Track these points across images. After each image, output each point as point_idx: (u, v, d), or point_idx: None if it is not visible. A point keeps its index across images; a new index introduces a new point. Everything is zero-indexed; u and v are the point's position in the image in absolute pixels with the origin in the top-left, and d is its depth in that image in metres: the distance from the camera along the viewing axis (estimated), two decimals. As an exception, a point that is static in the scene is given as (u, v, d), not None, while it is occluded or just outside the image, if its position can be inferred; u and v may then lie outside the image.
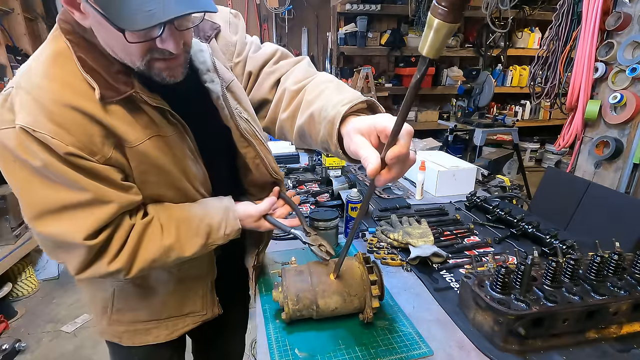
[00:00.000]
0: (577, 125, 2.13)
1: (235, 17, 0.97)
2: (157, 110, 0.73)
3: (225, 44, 0.93)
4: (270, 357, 0.79)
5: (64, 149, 0.64)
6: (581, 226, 1.51)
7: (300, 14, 4.89)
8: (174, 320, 0.99)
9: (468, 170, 1.77)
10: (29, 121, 0.63)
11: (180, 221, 0.81)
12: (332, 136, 0.69)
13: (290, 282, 0.86)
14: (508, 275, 0.83)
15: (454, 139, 4.12)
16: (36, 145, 0.64)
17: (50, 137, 0.63)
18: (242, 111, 0.87)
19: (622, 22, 1.85)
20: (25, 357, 2.27)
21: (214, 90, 0.81)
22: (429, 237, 1.20)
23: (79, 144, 0.66)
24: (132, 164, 0.74)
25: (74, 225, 0.69)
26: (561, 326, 0.80)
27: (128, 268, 0.76)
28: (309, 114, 0.78)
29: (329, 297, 0.85)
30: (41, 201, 0.68)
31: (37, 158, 0.64)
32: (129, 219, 0.77)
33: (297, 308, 0.84)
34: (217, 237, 0.85)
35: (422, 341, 0.83)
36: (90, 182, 0.69)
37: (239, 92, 0.89)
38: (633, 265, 0.91)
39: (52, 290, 2.91)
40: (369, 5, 4.26)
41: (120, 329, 0.98)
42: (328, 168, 1.96)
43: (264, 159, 0.90)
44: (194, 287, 0.98)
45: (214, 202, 0.88)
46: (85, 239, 0.69)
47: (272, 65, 0.95)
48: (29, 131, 0.62)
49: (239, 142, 0.87)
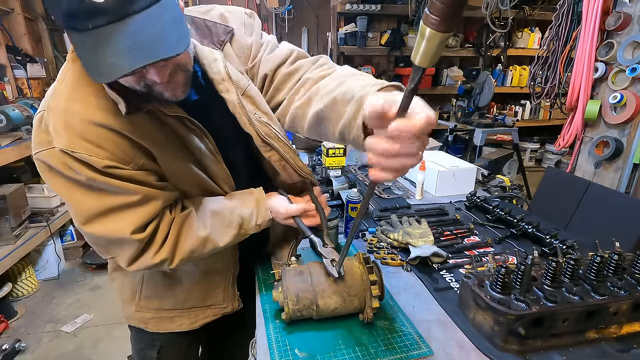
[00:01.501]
0: (577, 125, 2.13)
1: (250, 17, 0.96)
2: (176, 119, 0.79)
3: (240, 47, 0.92)
4: (270, 357, 0.79)
5: (102, 163, 0.72)
6: (581, 226, 1.51)
7: (300, 14, 4.89)
8: (196, 311, 1.05)
9: (468, 170, 1.77)
10: (65, 143, 0.70)
11: (214, 214, 0.88)
12: (357, 117, 0.66)
13: (290, 282, 0.86)
14: (508, 275, 0.83)
15: (454, 139, 4.11)
16: (77, 163, 0.71)
17: (88, 155, 0.71)
18: (262, 115, 0.87)
19: (622, 22, 1.85)
20: (25, 357, 2.27)
21: (229, 100, 0.83)
22: (429, 237, 1.20)
23: (113, 156, 0.73)
24: (162, 166, 0.82)
25: (122, 222, 0.77)
26: (561, 326, 0.80)
27: (171, 258, 0.84)
28: (332, 97, 0.76)
29: (329, 297, 0.85)
30: (89, 207, 0.76)
31: (80, 174, 0.72)
32: (169, 214, 0.85)
33: (297, 308, 0.84)
34: (249, 227, 0.91)
35: (422, 341, 0.83)
36: (132, 185, 0.76)
37: (257, 96, 0.88)
38: (633, 265, 0.91)
39: (52, 290, 2.91)
40: (369, 5, 4.26)
41: (148, 315, 1.05)
42: (328, 168, 1.96)
43: (289, 160, 0.91)
44: (217, 279, 1.03)
45: (245, 195, 0.94)
46: (132, 232, 0.77)
47: (289, 66, 0.93)
48: (68, 152, 0.70)
49: (261, 147, 0.88)
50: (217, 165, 0.89)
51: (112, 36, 0.58)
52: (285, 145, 0.91)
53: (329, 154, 1.93)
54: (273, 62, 0.92)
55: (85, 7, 0.55)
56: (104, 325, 2.52)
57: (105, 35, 0.58)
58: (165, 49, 0.61)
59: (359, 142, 0.67)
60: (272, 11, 4.72)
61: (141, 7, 0.59)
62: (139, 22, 0.59)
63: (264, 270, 1.11)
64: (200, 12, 0.90)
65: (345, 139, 0.72)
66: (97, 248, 0.84)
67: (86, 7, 0.55)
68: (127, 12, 0.58)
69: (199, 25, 0.87)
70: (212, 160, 0.87)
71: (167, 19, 0.62)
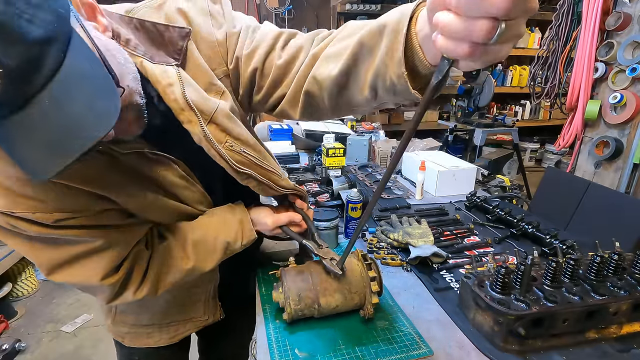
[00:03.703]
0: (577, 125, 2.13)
1: (214, 2, 0.76)
2: (135, 155, 0.68)
3: (210, 46, 0.74)
4: (270, 357, 0.79)
5: (51, 218, 0.60)
6: (581, 226, 1.51)
7: (300, 14, 4.89)
8: (176, 325, 1.00)
9: (468, 170, 1.77)
10: (3, 204, 0.57)
11: (196, 242, 0.81)
12: (398, 46, 0.51)
13: (291, 282, 0.86)
14: (508, 275, 0.83)
15: (454, 139, 4.11)
16: (22, 222, 0.60)
17: (31, 213, 0.59)
18: (234, 143, 0.75)
19: (622, 22, 1.85)
20: (25, 357, 2.27)
21: (193, 132, 0.70)
22: (429, 237, 1.20)
23: (64, 207, 0.61)
24: (125, 206, 0.71)
25: (88, 270, 0.68)
26: (561, 326, 0.80)
27: (154, 292, 0.78)
28: (351, 50, 0.61)
29: (331, 296, 0.85)
30: (49, 258, 0.66)
31: (29, 231, 0.61)
32: (145, 249, 0.77)
33: (299, 308, 0.84)
34: (234, 249, 0.86)
35: (422, 341, 0.83)
36: (92, 231, 0.66)
37: (227, 121, 0.74)
38: (633, 265, 0.91)
39: (52, 290, 2.91)
40: (369, 5, 4.26)
41: (124, 329, 1.00)
42: (328, 168, 1.96)
43: (268, 184, 0.83)
44: (197, 292, 0.98)
45: (227, 215, 0.86)
46: (103, 278, 0.69)
47: (281, 53, 0.75)
48: (9, 213, 0.58)
49: (236, 177, 0.79)
50: (190, 190, 0.80)
51: (16, 132, 0.45)
52: (262, 169, 0.81)
53: (329, 154, 1.93)
54: (260, 51, 0.75)
55: None
56: (104, 325, 2.51)
57: (5, 131, 0.45)
58: (93, 127, 0.46)
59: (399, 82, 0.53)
60: (272, 11, 4.72)
61: (42, 83, 0.44)
62: (47, 104, 0.45)
63: (264, 270, 1.11)
64: (151, 7, 0.71)
65: (378, 89, 0.59)
66: (75, 287, 0.76)
67: None
68: (25, 96, 0.44)
69: (149, 31, 0.68)
70: (184, 186, 0.78)
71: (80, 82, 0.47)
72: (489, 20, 0.34)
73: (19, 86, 0.43)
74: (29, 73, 0.43)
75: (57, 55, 0.45)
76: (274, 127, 2.59)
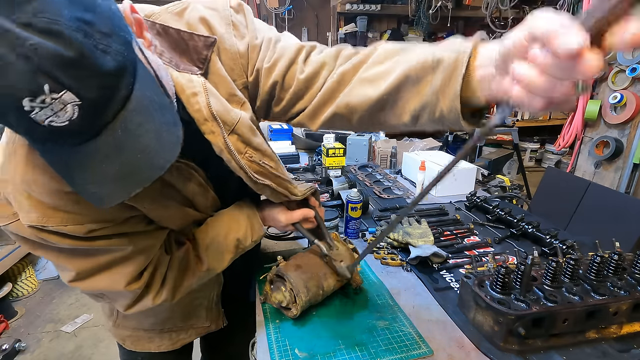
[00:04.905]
0: (577, 125, 2.14)
1: (237, 12, 0.73)
2: None
3: (232, 57, 0.72)
4: (270, 357, 0.79)
5: (83, 230, 0.60)
6: (581, 226, 1.51)
7: (300, 14, 4.89)
8: (177, 331, 1.00)
9: (468, 170, 1.77)
10: (35, 218, 0.57)
11: (209, 244, 0.82)
12: (453, 85, 0.51)
13: (295, 277, 0.88)
14: (508, 275, 0.83)
15: (454, 139, 4.11)
16: (53, 236, 0.59)
17: (64, 226, 0.58)
18: (253, 154, 0.76)
19: (622, 22, 1.85)
20: (25, 357, 2.27)
21: (215, 143, 0.69)
22: (429, 237, 1.20)
23: (95, 218, 0.61)
24: (147, 213, 0.71)
25: (114, 277, 0.69)
26: (561, 326, 0.80)
27: (172, 297, 0.78)
28: (398, 76, 0.60)
29: (330, 278, 0.92)
30: (77, 268, 0.66)
31: (59, 244, 0.61)
32: (165, 254, 0.78)
33: (307, 299, 0.87)
34: (245, 246, 0.87)
35: (422, 341, 0.83)
36: (122, 240, 0.67)
37: (248, 131, 0.74)
38: (633, 265, 0.91)
39: (52, 290, 2.91)
40: (369, 5, 4.25)
41: (125, 333, 0.99)
42: (328, 168, 1.95)
43: (282, 193, 0.85)
44: (200, 298, 0.97)
45: (235, 213, 0.87)
46: (127, 284, 0.70)
47: (303, 68, 0.73)
48: (40, 227, 0.58)
49: (253, 186, 0.80)
50: (205, 196, 0.81)
51: (87, 160, 0.46)
52: (278, 179, 0.82)
53: (329, 154, 1.93)
54: (281, 65, 0.73)
55: (43, 131, 0.41)
56: (104, 325, 2.52)
57: (77, 158, 0.46)
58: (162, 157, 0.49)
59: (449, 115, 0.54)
60: (272, 11, 4.72)
61: (114, 113, 0.45)
62: (119, 134, 0.45)
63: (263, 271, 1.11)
64: (172, 13, 0.69)
65: (422, 119, 0.60)
66: (91, 297, 0.77)
67: (45, 131, 0.41)
68: (99, 126, 0.44)
69: (172, 38, 0.67)
70: (200, 194, 0.79)
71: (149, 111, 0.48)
72: (573, 82, 0.36)
73: (95, 116, 0.43)
74: (104, 103, 0.43)
75: (127, 84, 0.45)
76: (274, 127, 2.59)
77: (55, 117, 0.40)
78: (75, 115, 0.41)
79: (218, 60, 0.71)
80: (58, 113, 0.40)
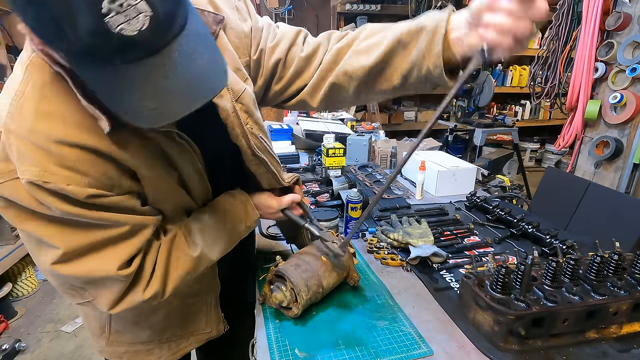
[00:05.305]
0: (577, 125, 2.14)
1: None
2: (163, 134, 0.67)
3: (237, 36, 0.79)
4: (270, 357, 0.79)
5: (84, 193, 0.58)
6: (581, 226, 1.51)
7: (300, 14, 4.89)
8: (177, 340, 0.94)
9: (468, 170, 1.77)
10: (36, 173, 0.54)
11: (203, 229, 0.79)
12: (435, 45, 0.65)
13: (296, 276, 0.88)
14: (508, 275, 0.83)
15: (454, 139, 4.11)
16: (51, 197, 0.56)
17: (65, 185, 0.56)
18: (253, 126, 0.79)
19: (622, 22, 1.85)
20: (25, 357, 2.27)
21: (222, 107, 0.72)
22: (429, 237, 1.20)
23: (96, 183, 0.59)
24: (146, 188, 0.69)
25: (107, 259, 0.64)
26: (561, 326, 0.80)
27: (163, 289, 0.73)
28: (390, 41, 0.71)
29: (329, 276, 0.92)
30: (66, 244, 0.62)
31: (54, 209, 0.58)
32: (155, 240, 0.74)
33: (308, 297, 0.87)
34: (240, 232, 0.87)
35: (422, 341, 0.83)
36: (121, 215, 0.64)
37: (250, 104, 0.78)
38: (633, 265, 0.91)
39: (52, 290, 2.91)
40: (369, 5, 4.26)
41: (121, 349, 0.92)
42: (328, 168, 1.96)
43: (275, 173, 0.87)
44: (197, 303, 0.93)
45: (228, 199, 0.86)
46: (119, 268, 0.65)
47: (303, 47, 0.83)
48: (39, 184, 0.55)
49: (249, 161, 0.82)
50: (200, 182, 0.80)
51: (149, 75, 0.49)
52: (272, 158, 0.85)
53: (329, 154, 1.93)
54: (283, 45, 0.82)
55: (113, 43, 0.44)
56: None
57: (138, 73, 0.48)
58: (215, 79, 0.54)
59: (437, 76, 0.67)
60: (272, 11, 4.72)
61: (174, 34, 0.49)
62: (176, 55, 0.49)
63: (262, 272, 1.11)
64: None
65: (410, 78, 0.71)
66: (67, 291, 0.70)
67: (115, 40, 0.43)
68: (160, 44, 0.48)
69: None
70: (196, 179, 0.78)
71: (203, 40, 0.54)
72: (530, 21, 0.55)
73: (160, 31, 0.47)
74: (170, 21, 0.48)
75: (184, 12, 0.51)
76: (274, 127, 2.59)
77: (127, 24, 0.43)
78: (145, 26, 0.45)
79: (225, 36, 0.77)
80: (131, 21, 0.43)
